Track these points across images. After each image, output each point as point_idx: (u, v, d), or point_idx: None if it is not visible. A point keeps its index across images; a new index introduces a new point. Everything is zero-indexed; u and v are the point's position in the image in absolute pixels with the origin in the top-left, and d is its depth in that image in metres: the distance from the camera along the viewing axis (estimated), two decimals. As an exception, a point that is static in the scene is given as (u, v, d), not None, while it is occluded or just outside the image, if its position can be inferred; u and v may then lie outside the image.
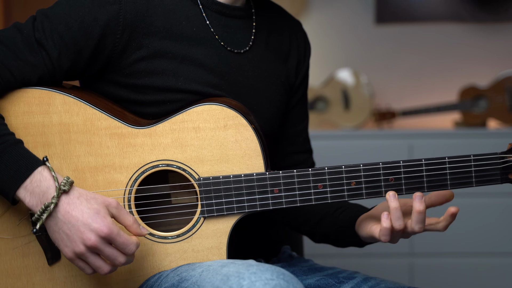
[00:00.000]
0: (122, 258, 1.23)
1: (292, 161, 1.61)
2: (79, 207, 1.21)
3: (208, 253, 1.35)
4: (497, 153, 1.33)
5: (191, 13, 1.40)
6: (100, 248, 1.21)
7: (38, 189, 1.21)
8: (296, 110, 1.61)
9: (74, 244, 1.21)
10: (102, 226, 1.20)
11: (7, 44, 1.29)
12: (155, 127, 1.33)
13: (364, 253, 3.00)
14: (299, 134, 1.62)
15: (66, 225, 1.21)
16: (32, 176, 1.22)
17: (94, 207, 1.22)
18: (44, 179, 1.22)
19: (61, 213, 1.21)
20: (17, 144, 1.24)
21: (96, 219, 1.20)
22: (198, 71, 1.39)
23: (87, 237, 1.20)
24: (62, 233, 1.22)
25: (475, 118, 3.33)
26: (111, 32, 1.33)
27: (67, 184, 1.21)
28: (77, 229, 1.20)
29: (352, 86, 3.40)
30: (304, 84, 1.62)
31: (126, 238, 1.22)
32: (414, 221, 1.31)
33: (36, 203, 1.22)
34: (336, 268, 1.52)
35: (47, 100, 1.31)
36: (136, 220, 1.26)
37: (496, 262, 3.04)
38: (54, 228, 1.23)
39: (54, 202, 1.20)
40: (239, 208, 1.33)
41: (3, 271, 1.32)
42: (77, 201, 1.22)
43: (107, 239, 1.21)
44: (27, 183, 1.21)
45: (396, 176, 1.33)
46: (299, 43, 1.59)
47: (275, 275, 1.16)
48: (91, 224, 1.20)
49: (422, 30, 3.55)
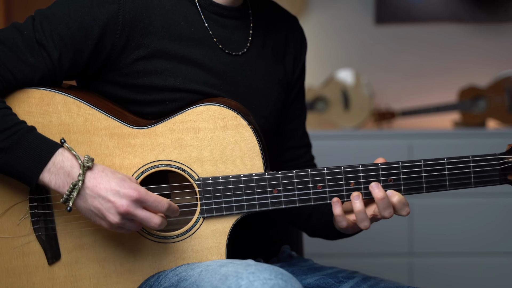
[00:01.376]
0: (156, 219, 1.25)
1: (291, 156, 1.62)
2: (105, 179, 1.23)
3: (207, 253, 1.35)
4: (496, 154, 1.34)
5: (189, 14, 1.41)
6: (133, 213, 1.23)
7: (62, 170, 1.23)
8: (294, 105, 1.62)
9: (108, 216, 1.23)
10: (131, 190, 1.22)
11: (8, 45, 1.29)
12: (155, 127, 1.34)
13: (363, 253, 3.01)
14: (297, 128, 1.63)
15: (96, 199, 1.23)
16: (54, 158, 1.24)
17: (119, 176, 1.24)
18: (66, 159, 1.24)
19: (89, 189, 1.23)
20: (32, 130, 1.26)
21: (123, 185, 1.23)
22: (197, 71, 1.39)
23: (119, 204, 1.22)
24: (94, 208, 1.23)
25: (474, 118, 3.34)
26: (110, 31, 1.33)
27: (89, 161, 1.24)
28: (107, 200, 1.22)
29: (351, 86, 3.40)
30: (301, 79, 1.63)
31: (155, 196, 1.24)
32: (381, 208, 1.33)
33: (62, 184, 1.24)
34: (335, 268, 1.52)
35: (47, 101, 1.31)
36: (157, 197, 1.26)
37: (495, 262, 3.04)
38: (84, 205, 1.24)
39: (81, 179, 1.22)
40: (238, 208, 1.34)
41: (3, 270, 1.32)
42: (102, 174, 1.24)
43: (139, 201, 1.23)
44: (50, 165, 1.23)
45: (395, 177, 1.34)
46: (295, 39, 1.60)
47: (274, 274, 1.17)
48: (120, 191, 1.22)
49: (422, 30, 3.55)
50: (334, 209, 1.34)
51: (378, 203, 1.32)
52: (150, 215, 1.24)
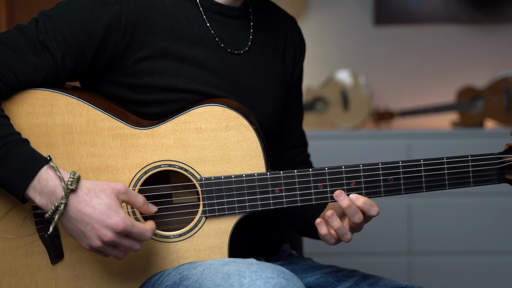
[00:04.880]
0: (138, 246, 1.25)
1: (288, 155, 1.63)
2: (90, 204, 1.21)
3: (209, 252, 1.36)
4: (494, 153, 1.35)
5: (191, 14, 1.42)
6: (117, 242, 1.23)
7: (46, 188, 1.22)
8: (293, 106, 1.63)
9: (91, 240, 1.22)
10: (117, 222, 1.21)
11: (11, 47, 1.29)
12: (158, 127, 1.34)
13: (363, 252, 3.01)
14: (295, 128, 1.64)
15: (80, 223, 1.22)
16: (39, 175, 1.22)
17: (105, 201, 1.22)
18: (50, 178, 1.22)
19: (73, 212, 1.21)
20: (23, 143, 1.25)
21: (109, 214, 1.21)
22: (199, 71, 1.40)
23: (103, 234, 1.21)
24: (77, 230, 1.23)
25: (472, 118, 3.35)
26: (113, 32, 1.34)
27: (74, 182, 1.21)
28: (91, 227, 1.21)
29: (351, 87, 3.41)
30: (300, 80, 1.64)
31: (141, 227, 1.23)
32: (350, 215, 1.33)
33: (46, 203, 1.22)
34: (335, 267, 1.53)
35: (50, 101, 1.32)
36: (145, 200, 1.27)
37: (493, 261, 3.05)
38: (68, 225, 1.23)
39: (63, 202, 1.21)
40: (240, 208, 1.34)
41: (7, 270, 1.33)
42: (86, 198, 1.22)
43: (124, 233, 1.22)
44: (35, 182, 1.22)
45: (395, 176, 1.34)
46: (294, 40, 1.61)
47: (276, 273, 1.17)
48: (106, 221, 1.21)
49: (420, 31, 3.56)
50: (320, 230, 1.34)
51: (346, 211, 1.32)
52: (132, 243, 1.25)
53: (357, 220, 1.32)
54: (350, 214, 1.32)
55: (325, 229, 1.34)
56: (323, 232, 1.34)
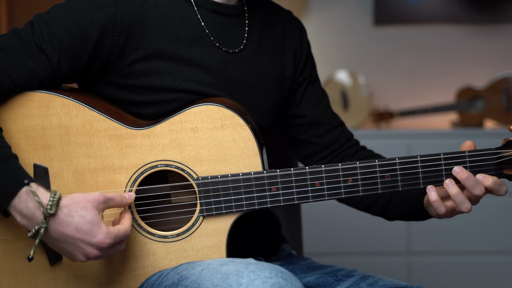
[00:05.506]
0: (123, 245, 1.27)
1: (330, 140, 1.61)
2: (72, 225, 1.20)
3: (207, 252, 1.36)
4: (491, 148, 1.34)
5: (186, 14, 1.42)
6: (102, 255, 1.24)
7: (26, 210, 1.20)
8: (312, 92, 1.61)
9: (77, 257, 1.23)
10: (103, 240, 1.21)
11: (7, 51, 1.30)
12: (154, 128, 1.34)
13: (362, 252, 3.01)
14: (324, 113, 1.61)
15: (64, 243, 1.21)
16: (19, 196, 1.20)
17: (87, 219, 1.20)
18: (30, 199, 1.20)
19: (55, 234, 1.20)
20: (9, 159, 1.23)
21: (93, 233, 1.20)
22: (195, 71, 1.40)
23: (89, 252, 1.21)
24: (62, 248, 1.23)
25: (472, 118, 3.35)
26: (109, 34, 1.34)
27: (53, 206, 1.19)
28: (76, 246, 1.21)
29: (350, 87, 3.41)
30: (309, 66, 1.62)
31: (124, 230, 1.25)
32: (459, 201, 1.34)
33: (27, 224, 1.21)
34: (334, 266, 1.53)
35: (47, 103, 1.32)
36: (120, 194, 1.28)
37: (493, 261, 3.05)
38: (52, 243, 1.23)
39: (43, 226, 1.19)
40: (237, 206, 1.34)
41: (6, 272, 1.33)
42: (68, 219, 1.20)
43: (110, 247, 1.23)
44: (15, 202, 1.20)
45: (392, 173, 1.34)
46: (293, 33, 1.60)
47: (274, 273, 1.17)
48: (91, 240, 1.20)
49: (420, 31, 3.56)
50: (430, 195, 1.33)
51: (465, 183, 1.32)
52: (119, 247, 1.26)
53: (479, 192, 1.32)
54: (470, 186, 1.32)
55: (435, 194, 1.33)
56: (433, 197, 1.33)
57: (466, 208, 1.33)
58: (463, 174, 1.32)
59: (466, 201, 1.33)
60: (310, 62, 1.63)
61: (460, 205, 1.33)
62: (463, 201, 1.33)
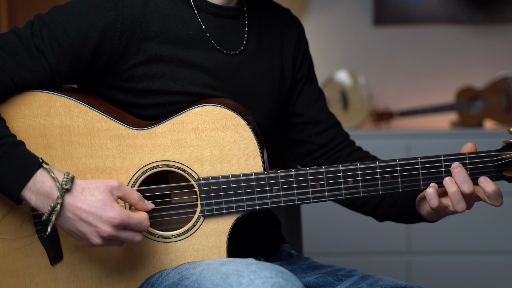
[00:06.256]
0: (139, 237, 1.26)
1: (325, 139, 1.61)
2: (85, 202, 1.22)
3: (208, 252, 1.36)
4: (491, 151, 1.35)
5: (186, 17, 1.42)
6: (116, 236, 1.23)
7: (42, 190, 1.22)
8: (308, 91, 1.62)
9: (91, 239, 1.23)
10: (113, 216, 1.21)
11: (6, 50, 1.30)
12: (155, 128, 1.35)
13: (362, 251, 3.01)
14: (320, 112, 1.62)
15: (78, 222, 1.22)
16: (34, 177, 1.23)
17: (99, 198, 1.23)
18: (46, 179, 1.23)
19: (69, 211, 1.22)
20: (19, 145, 1.25)
21: (105, 209, 1.22)
22: (195, 73, 1.40)
23: (102, 230, 1.22)
24: (76, 230, 1.23)
25: (471, 118, 3.35)
26: (109, 38, 1.34)
27: (68, 182, 1.22)
28: (89, 224, 1.22)
29: (350, 87, 3.41)
30: (306, 65, 1.62)
31: (137, 217, 1.24)
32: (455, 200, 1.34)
33: (42, 204, 1.23)
34: (334, 266, 1.53)
35: (48, 103, 1.32)
36: (141, 196, 1.28)
37: (493, 261, 3.05)
38: (66, 226, 1.24)
39: (59, 202, 1.21)
40: (238, 207, 1.35)
41: (7, 272, 1.33)
42: (81, 197, 1.23)
43: (122, 226, 1.23)
44: (31, 184, 1.23)
45: (393, 175, 1.35)
46: (291, 32, 1.60)
47: (274, 273, 1.17)
48: (102, 217, 1.21)
49: (420, 32, 3.57)
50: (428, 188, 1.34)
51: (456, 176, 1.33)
52: (132, 235, 1.26)
53: (466, 189, 1.32)
54: (459, 181, 1.32)
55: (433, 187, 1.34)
56: (430, 189, 1.33)
57: (461, 207, 1.34)
58: (456, 168, 1.33)
59: (462, 201, 1.34)
60: (308, 61, 1.63)
61: (455, 204, 1.34)
62: (459, 200, 1.34)
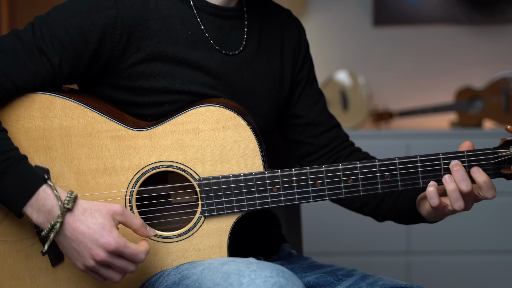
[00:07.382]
0: (132, 267, 1.25)
1: (325, 141, 1.61)
2: (84, 223, 1.22)
3: (209, 252, 1.36)
4: (489, 148, 1.35)
5: (186, 17, 1.42)
6: (110, 262, 1.23)
7: (43, 207, 1.22)
8: (309, 93, 1.62)
9: (84, 259, 1.23)
10: (109, 241, 1.21)
11: (8, 53, 1.30)
12: (155, 129, 1.35)
13: (362, 251, 3.01)
14: (320, 113, 1.62)
15: (74, 241, 1.22)
16: (37, 194, 1.22)
17: (99, 221, 1.22)
18: (48, 197, 1.22)
19: (68, 230, 1.22)
20: (21, 160, 1.25)
21: (103, 234, 1.21)
22: (194, 72, 1.41)
23: (96, 253, 1.21)
24: (72, 248, 1.23)
25: (471, 118, 3.36)
26: (109, 36, 1.35)
27: (70, 202, 1.21)
28: (85, 245, 1.21)
29: (350, 87, 3.42)
30: (307, 66, 1.62)
31: (133, 248, 1.23)
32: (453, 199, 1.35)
33: (43, 221, 1.23)
34: (334, 266, 1.53)
35: (48, 105, 1.32)
36: (143, 223, 1.27)
37: (492, 260, 3.05)
38: (63, 243, 1.24)
39: (59, 221, 1.21)
40: (239, 207, 1.35)
41: (8, 273, 1.33)
42: (82, 217, 1.22)
43: (116, 253, 1.22)
44: (33, 201, 1.22)
45: (392, 173, 1.35)
46: (291, 32, 1.60)
47: (275, 272, 1.17)
48: (98, 240, 1.21)
49: (419, 32, 3.57)
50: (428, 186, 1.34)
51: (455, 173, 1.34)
52: (126, 264, 1.24)
53: (465, 188, 1.33)
54: (458, 179, 1.33)
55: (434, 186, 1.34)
56: (431, 188, 1.34)
57: (459, 206, 1.35)
58: (456, 166, 1.34)
59: (460, 199, 1.34)
60: (308, 62, 1.63)
61: (454, 202, 1.34)
62: (458, 198, 1.34)
